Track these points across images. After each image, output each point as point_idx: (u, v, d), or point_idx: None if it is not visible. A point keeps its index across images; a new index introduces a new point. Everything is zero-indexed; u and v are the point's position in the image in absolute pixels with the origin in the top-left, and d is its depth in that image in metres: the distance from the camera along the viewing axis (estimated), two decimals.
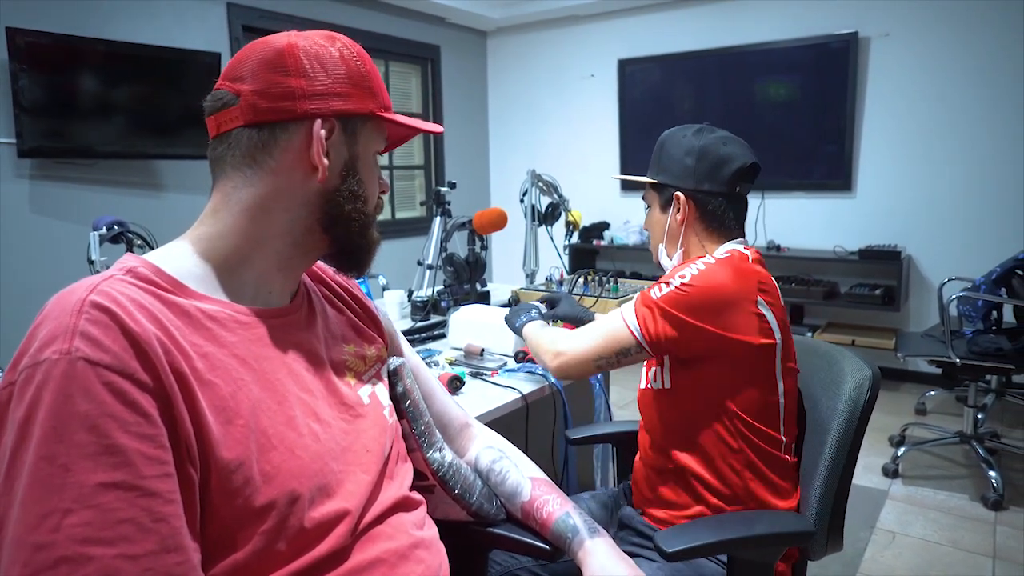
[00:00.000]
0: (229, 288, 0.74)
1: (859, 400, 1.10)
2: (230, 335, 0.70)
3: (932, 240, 3.87)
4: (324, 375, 0.80)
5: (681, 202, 1.29)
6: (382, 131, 0.82)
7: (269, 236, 0.75)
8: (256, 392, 0.69)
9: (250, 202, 0.74)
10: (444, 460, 0.94)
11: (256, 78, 0.73)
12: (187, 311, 0.67)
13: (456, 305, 2.30)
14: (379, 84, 0.80)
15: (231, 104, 0.74)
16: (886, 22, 3.86)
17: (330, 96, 0.74)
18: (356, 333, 0.90)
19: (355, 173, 0.78)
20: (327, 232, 0.78)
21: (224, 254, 0.74)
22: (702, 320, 1.13)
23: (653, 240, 1.39)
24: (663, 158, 1.32)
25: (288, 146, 0.74)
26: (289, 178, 0.75)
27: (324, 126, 0.74)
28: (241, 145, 0.74)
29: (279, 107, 0.73)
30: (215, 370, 0.66)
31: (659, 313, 1.16)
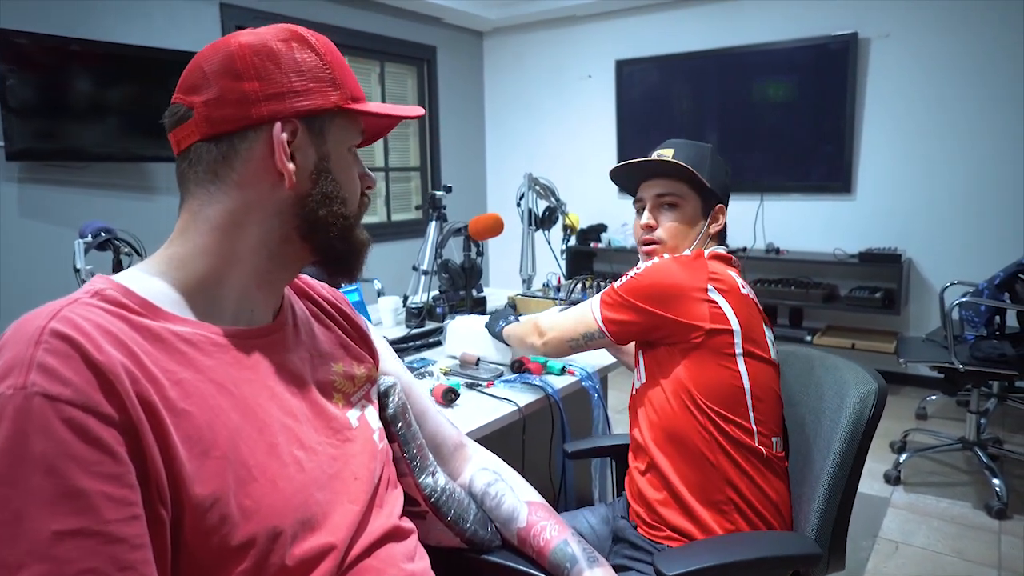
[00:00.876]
0: (206, 309, 0.70)
1: (863, 414, 1.06)
2: (207, 359, 0.66)
3: (932, 243, 3.83)
4: (310, 397, 0.76)
5: (722, 215, 1.37)
6: (355, 123, 0.77)
7: (244, 252, 0.71)
8: (235, 420, 0.65)
9: (219, 219, 0.70)
10: (437, 485, 0.90)
11: (208, 87, 0.68)
12: (159, 335, 0.63)
13: (452, 312, 2.26)
14: (343, 73, 0.74)
15: (186, 119, 0.69)
16: (886, 23, 3.82)
17: (288, 95, 0.69)
18: (345, 351, 0.86)
19: (327, 174, 0.73)
20: (306, 240, 0.74)
21: (198, 274, 0.70)
22: (652, 305, 1.21)
23: (675, 242, 1.35)
24: (713, 168, 1.34)
25: (250, 156, 0.69)
26: (257, 189, 0.70)
27: (285, 129, 0.69)
28: (202, 161, 0.70)
29: (234, 115, 0.68)
30: (190, 398, 0.62)
31: (616, 300, 1.26)
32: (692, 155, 1.33)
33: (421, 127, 5.12)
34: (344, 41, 4.36)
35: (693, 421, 1.19)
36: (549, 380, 1.66)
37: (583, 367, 1.76)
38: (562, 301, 2.21)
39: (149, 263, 0.70)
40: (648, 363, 1.29)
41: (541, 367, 1.72)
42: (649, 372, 1.28)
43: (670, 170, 1.33)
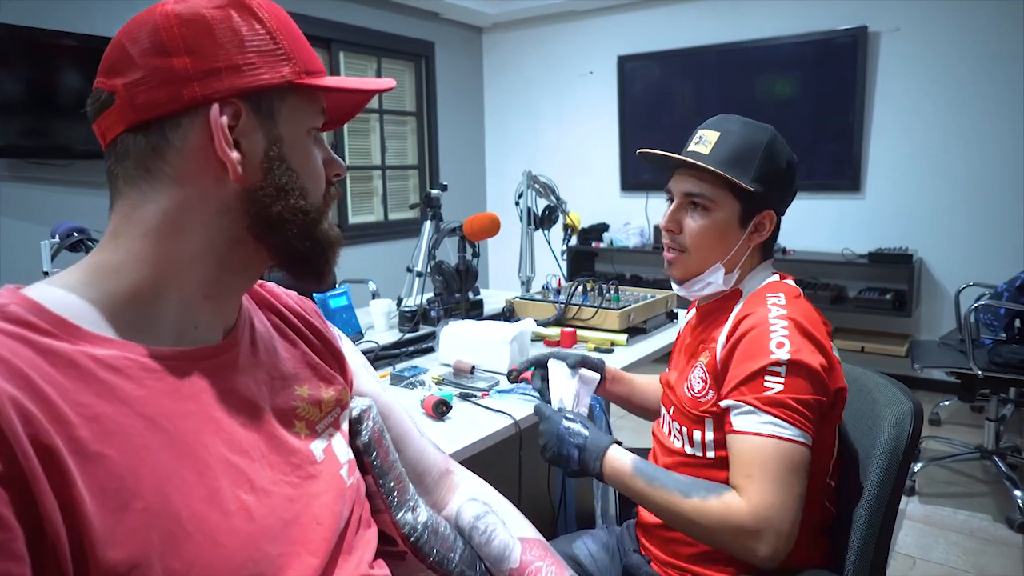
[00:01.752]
0: (139, 327, 0.58)
1: (901, 439, 0.95)
2: (135, 388, 0.55)
3: (945, 243, 3.72)
4: (266, 428, 0.65)
5: (770, 221, 1.11)
6: (313, 102, 0.65)
7: (185, 259, 0.60)
8: (167, 462, 0.54)
9: (154, 222, 0.59)
10: (418, 521, 0.79)
11: (131, 67, 0.57)
12: (73, 361, 0.52)
13: (447, 315, 2.15)
14: (295, 43, 0.62)
15: (108, 105, 0.58)
16: (896, 16, 3.71)
17: (226, 72, 0.58)
18: (312, 371, 0.75)
19: (281, 162, 0.62)
20: (261, 241, 0.62)
21: (130, 286, 0.59)
22: (825, 394, 0.96)
23: (706, 254, 1.11)
24: (766, 166, 1.08)
25: (185, 146, 0.58)
26: (197, 185, 0.59)
27: (225, 111, 0.58)
28: (130, 155, 0.59)
29: (161, 98, 0.57)
30: (108, 438, 0.51)
31: (801, 406, 0.93)
32: (739, 147, 1.08)
33: (419, 125, 5.02)
34: (339, 36, 4.25)
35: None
36: None
37: None
38: (562, 304, 2.10)
39: (71, 273, 0.59)
40: (719, 439, 1.03)
41: None
42: (717, 445, 1.04)
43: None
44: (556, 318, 2.08)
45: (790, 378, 0.93)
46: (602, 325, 2.01)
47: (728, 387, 0.99)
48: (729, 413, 0.97)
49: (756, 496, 0.90)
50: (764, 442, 0.92)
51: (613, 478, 1.04)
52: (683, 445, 1.10)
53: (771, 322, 0.98)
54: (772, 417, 0.92)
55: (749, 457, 0.93)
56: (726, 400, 0.98)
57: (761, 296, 1.05)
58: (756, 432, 0.93)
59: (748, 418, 0.94)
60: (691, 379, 1.10)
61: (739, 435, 0.95)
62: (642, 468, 1.02)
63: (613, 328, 2.00)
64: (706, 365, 1.07)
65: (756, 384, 0.95)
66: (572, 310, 2.09)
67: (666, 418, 1.20)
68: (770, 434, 0.92)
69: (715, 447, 1.05)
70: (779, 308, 1.00)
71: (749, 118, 1.14)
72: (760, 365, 0.95)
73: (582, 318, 2.06)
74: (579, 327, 2.02)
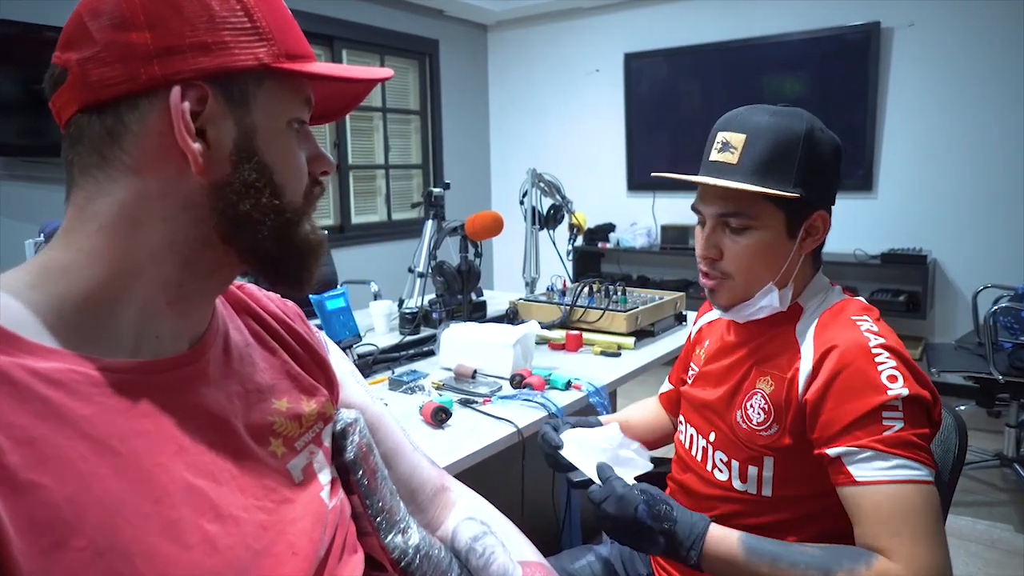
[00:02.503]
0: (90, 337, 0.52)
1: (947, 457, 0.88)
2: (82, 406, 0.48)
3: (960, 244, 3.63)
4: (237, 447, 0.58)
5: (824, 223, 0.97)
6: (296, 90, 0.58)
7: (143, 258, 0.54)
8: (116, 490, 0.48)
9: (109, 216, 0.53)
10: (408, 544, 0.73)
11: (86, 40, 0.51)
12: (7, 375, 0.46)
13: (449, 318, 2.09)
14: (278, 22, 0.56)
15: (61, 82, 0.52)
16: (910, 11, 3.62)
17: (191, 50, 0.51)
18: (292, 383, 0.68)
19: (253, 154, 0.55)
20: (228, 243, 0.56)
21: (81, 290, 0.52)
22: (935, 425, 0.88)
23: (755, 277, 0.97)
24: (808, 162, 0.93)
25: (143, 131, 0.52)
26: (157, 176, 0.53)
27: (188, 95, 0.51)
28: (84, 138, 0.52)
29: (117, 76, 0.51)
30: (44, 464, 0.45)
31: (923, 440, 0.84)
32: (773, 146, 0.92)
33: (423, 123, 4.95)
34: (342, 34, 4.19)
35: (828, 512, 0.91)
36: (552, 397, 1.49)
37: (590, 381, 1.58)
38: (567, 306, 2.03)
39: (14, 273, 0.53)
40: (797, 476, 0.93)
41: (544, 382, 1.55)
42: (791, 487, 0.94)
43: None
44: (561, 320, 2.02)
45: (908, 413, 0.83)
46: (609, 328, 1.95)
47: (833, 430, 0.85)
48: (842, 462, 0.84)
49: (916, 559, 0.78)
50: (902, 491, 0.80)
51: (717, 565, 0.86)
52: (730, 479, 0.99)
53: (874, 351, 0.85)
54: (901, 459, 0.81)
55: (889, 511, 0.80)
56: (836, 448, 0.85)
57: (844, 318, 0.92)
58: (888, 480, 0.80)
59: (872, 464, 0.81)
60: (747, 408, 0.97)
61: (867, 487, 0.82)
62: (757, 547, 0.85)
63: (620, 331, 1.93)
64: (770, 395, 0.95)
65: (873, 424, 0.82)
66: (578, 312, 2.02)
67: (700, 442, 1.06)
68: (905, 479, 0.80)
69: (774, 485, 0.94)
70: (876, 336, 0.87)
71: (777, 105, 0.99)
72: (875, 403, 0.83)
73: (588, 320, 1.99)
74: (585, 329, 1.95)
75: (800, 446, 0.90)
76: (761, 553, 0.84)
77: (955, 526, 2.40)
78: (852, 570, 0.79)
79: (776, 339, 0.97)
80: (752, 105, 0.99)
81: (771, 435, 0.94)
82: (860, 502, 0.82)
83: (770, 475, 0.94)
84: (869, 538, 0.81)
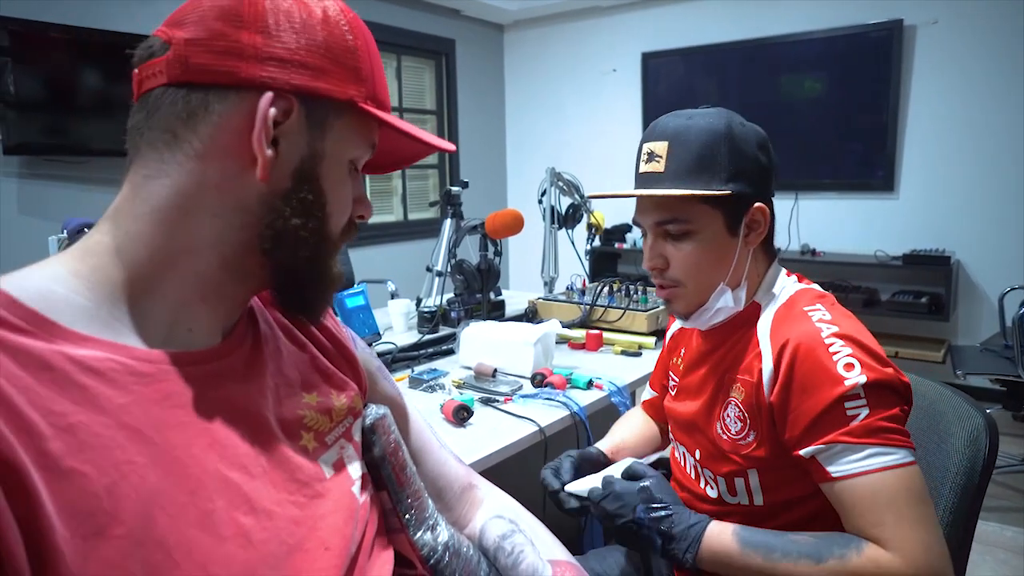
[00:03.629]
0: (127, 325, 0.52)
1: (977, 459, 0.85)
2: (119, 394, 0.48)
3: (984, 245, 3.57)
4: (268, 441, 0.58)
5: (764, 216, 0.95)
6: (366, 134, 0.60)
7: (187, 250, 0.54)
8: (153, 480, 0.47)
9: (165, 200, 0.53)
10: (438, 542, 0.72)
11: (199, 25, 0.52)
12: (47, 362, 0.45)
13: (468, 317, 2.08)
14: (372, 69, 0.58)
15: (159, 54, 0.53)
16: (934, 8, 3.57)
17: (293, 65, 0.53)
18: (322, 377, 0.67)
19: (313, 180, 0.56)
20: (267, 255, 0.56)
21: (125, 275, 0.52)
22: (908, 401, 0.86)
23: (704, 281, 0.95)
24: (735, 157, 0.92)
25: (223, 122, 0.52)
26: (220, 168, 0.53)
27: (277, 103, 0.52)
28: (161, 111, 0.53)
29: (218, 65, 0.52)
30: (85, 451, 0.44)
31: (893, 422, 0.82)
32: (697, 148, 0.91)
33: (439, 123, 4.96)
34: None
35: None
36: (573, 396, 1.48)
37: (611, 381, 1.57)
38: (587, 306, 2.01)
39: (58, 259, 0.53)
40: (785, 481, 0.91)
41: (565, 381, 1.53)
42: (781, 493, 0.92)
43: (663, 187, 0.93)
44: (581, 320, 2.00)
45: (872, 399, 0.81)
46: (629, 327, 1.93)
47: (800, 429, 0.84)
48: (817, 461, 0.83)
49: (905, 543, 0.77)
50: (880, 479, 0.79)
51: (715, 564, 0.85)
52: (720, 495, 0.97)
53: (827, 342, 0.84)
54: (872, 447, 0.79)
55: (871, 502, 0.79)
56: (807, 448, 0.83)
57: (796, 311, 0.91)
58: (863, 471, 0.79)
59: (845, 459, 0.80)
60: (724, 419, 0.96)
61: (843, 481, 0.80)
62: (751, 539, 0.85)
63: (640, 330, 1.91)
64: (742, 403, 0.93)
65: (837, 417, 0.81)
66: (597, 312, 2.00)
67: (689, 460, 1.05)
68: (879, 467, 0.79)
69: (763, 492, 0.93)
70: (828, 325, 0.86)
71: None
72: (835, 395, 0.81)
73: (608, 320, 1.97)
74: (605, 329, 1.94)
75: (777, 451, 0.89)
76: (755, 545, 0.84)
77: (982, 532, 2.35)
78: (843, 556, 0.79)
79: (739, 342, 0.96)
80: (672, 112, 0.98)
81: (750, 443, 0.92)
82: (841, 497, 0.82)
83: (757, 484, 0.93)
84: (856, 532, 0.81)
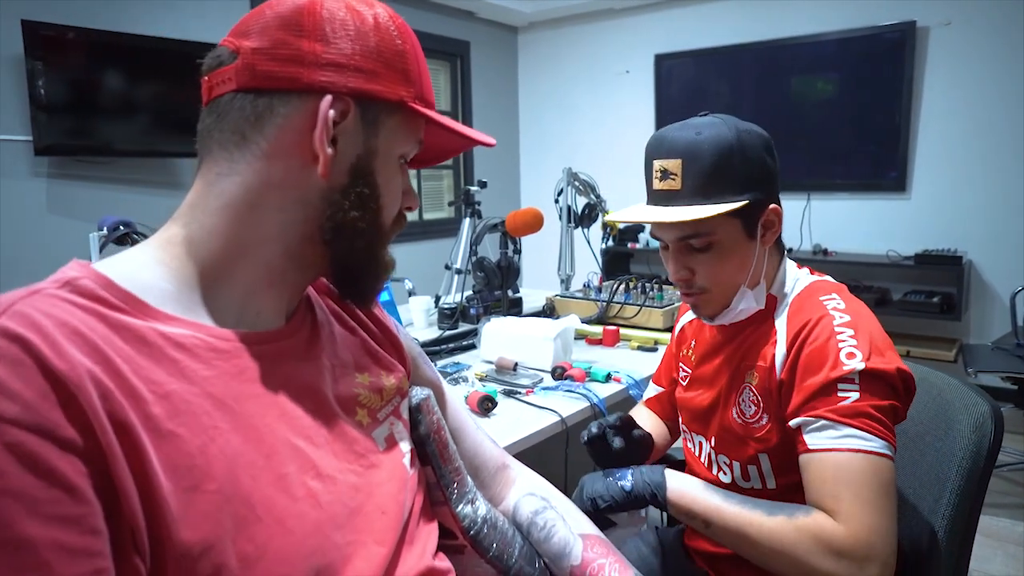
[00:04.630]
0: (205, 306, 0.58)
1: (982, 445, 0.89)
2: (204, 368, 0.54)
3: (996, 245, 3.59)
4: (328, 415, 0.63)
5: (777, 215, 0.98)
6: (414, 131, 0.65)
7: (256, 242, 0.59)
8: (235, 444, 0.53)
9: (235, 195, 0.58)
10: (477, 514, 0.77)
11: (263, 34, 0.58)
12: (144, 337, 0.51)
13: (487, 313, 2.13)
14: (419, 71, 0.63)
15: (227, 63, 0.58)
16: (947, 9, 3.59)
17: (349, 70, 0.58)
18: (372, 359, 0.73)
19: (369, 174, 0.61)
20: (327, 245, 0.62)
21: (201, 263, 0.58)
22: (901, 399, 0.88)
23: (728, 284, 0.98)
24: (746, 167, 0.94)
25: (287, 124, 0.58)
26: (285, 166, 0.58)
27: (335, 105, 0.58)
28: (231, 115, 0.58)
29: (282, 72, 0.57)
30: (179, 416, 0.50)
31: (881, 413, 0.84)
32: (711, 162, 0.93)
33: None
34: None
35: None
36: (593, 388, 1.53)
37: (629, 374, 1.62)
38: (603, 303, 2.06)
39: (142, 249, 0.59)
40: (793, 466, 0.92)
41: (584, 374, 1.58)
42: (792, 476, 0.93)
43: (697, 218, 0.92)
44: (598, 316, 2.05)
45: (866, 385, 0.84)
46: (646, 324, 1.98)
47: (796, 404, 0.89)
48: (801, 432, 0.87)
49: (853, 519, 0.80)
50: (848, 459, 0.82)
51: (680, 497, 0.92)
52: (734, 480, 1.02)
53: (837, 330, 0.88)
54: (852, 429, 0.83)
55: (832, 476, 0.82)
56: (796, 419, 0.88)
57: (812, 300, 0.95)
58: (836, 448, 0.83)
59: (824, 434, 0.84)
60: (740, 404, 1.00)
61: (816, 454, 0.85)
62: (712, 487, 0.92)
63: (656, 327, 1.96)
64: (756, 387, 0.98)
65: (829, 396, 0.85)
66: (614, 308, 2.05)
67: (706, 447, 1.09)
68: (853, 448, 0.82)
69: (775, 475, 0.97)
70: (841, 314, 0.90)
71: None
72: (832, 376, 0.85)
73: (624, 316, 2.02)
74: (622, 325, 1.98)
75: (787, 433, 0.93)
76: (715, 489, 0.92)
77: (993, 527, 2.39)
78: (792, 516, 0.84)
79: (756, 332, 1.01)
80: (676, 124, 1.00)
81: (763, 427, 0.96)
82: (808, 467, 0.86)
83: (769, 468, 0.97)
84: (813, 502, 0.85)
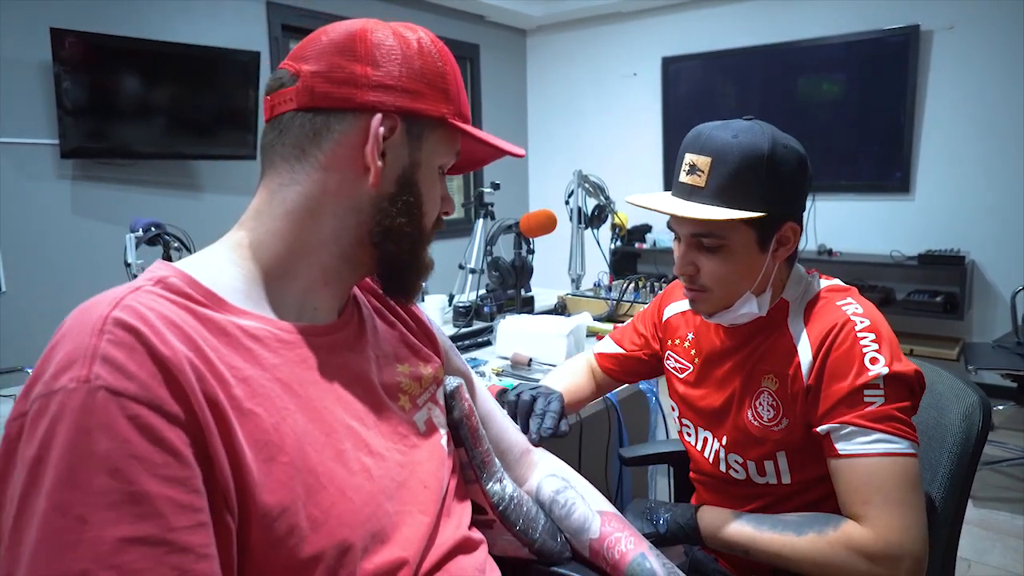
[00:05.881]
0: (271, 302, 0.65)
1: (971, 433, 0.96)
2: (273, 356, 0.61)
3: (998, 245, 3.64)
4: (376, 400, 0.71)
5: (795, 234, 0.99)
6: (452, 143, 0.73)
7: (315, 244, 0.67)
8: (301, 422, 0.60)
9: (296, 203, 0.66)
10: (505, 492, 0.85)
11: (320, 59, 0.65)
12: (224, 328, 0.59)
13: (500, 311, 2.21)
14: (458, 89, 0.71)
15: (288, 84, 0.66)
16: (950, 14, 3.65)
17: (397, 90, 0.66)
18: (410, 351, 0.81)
19: (413, 184, 0.69)
20: (376, 247, 0.69)
21: (266, 264, 0.66)
22: (916, 398, 0.94)
23: (732, 289, 1.00)
24: (772, 180, 0.94)
25: (342, 139, 0.65)
26: (340, 177, 0.66)
27: (385, 123, 0.65)
28: (292, 132, 0.66)
29: (337, 93, 0.65)
30: (256, 397, 0.57)
31: (904, 414, 0.90)
32: (738, 167, 0.93)
33: None
34: None
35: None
36: None
37: None
38: (614, 301, 2.13)
39: (214, 251, 0.66)
40: (812, 461, 0.98)
41: None
42: (810, 471, 0.99)
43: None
44: (608, 314, 2.12)
45: (889, 390, 0.89)
46: None
47: (824, 409, 0.92)
48: (830, 438, 0.91)
49: (880, 521, 0.85)
50: (878, 463, 0.87)
51: (713, 536, 0.99)
52: (748, 476, 1.05)
53: (859, 335, 0.92)
54: (880, 434, 0.87)
55: (864, 481, 0.87)
56: (824, 425, 0.92)
57: (830, 305, 0.98)
58: (866, 453, 0.87)
59: (855, 439, 0.89)
60: (756, 407, 1.02)
61: (847, 459, 0.89)
62: (743, 516, 0.98)
63: None
64: (776, 392, 1.00)
65: (855, 402, 0.89)
66: (624, 307, 2.12)
67: (713, 444, 1.11)
68: (882, 452, 0.87)
69: (791, 471, 1.01)
70: (861, 319, 0.94)
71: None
72: (859, 383, 0.90)
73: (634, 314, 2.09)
74: None
75: (806, 433, 0.97)
76: (747, 519, 0.97)
77: (992, 520, 2.45)
78: (821, 531, 0.89)
79: (770, 338, 1.02)
80: (718, 123, 1.01)
81: (782, 429, 0.99)
82: (840, 473, 0.90)
83: (785, 464, 1.01)
84: (845, 506, 0.90)
